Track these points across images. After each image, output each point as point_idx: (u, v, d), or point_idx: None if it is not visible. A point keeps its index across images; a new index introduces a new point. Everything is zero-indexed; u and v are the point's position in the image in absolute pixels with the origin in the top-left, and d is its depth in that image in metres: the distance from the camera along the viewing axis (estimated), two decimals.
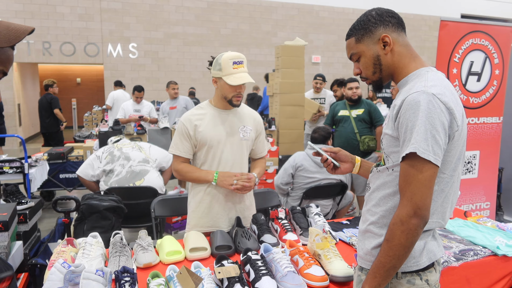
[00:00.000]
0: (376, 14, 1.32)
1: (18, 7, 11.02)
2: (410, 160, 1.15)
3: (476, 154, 3.71)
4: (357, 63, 1.38)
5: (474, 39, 3.51)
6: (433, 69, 1.29)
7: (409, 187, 1.15)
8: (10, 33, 0.94)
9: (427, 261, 1.25)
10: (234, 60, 2.09)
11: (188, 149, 2.24)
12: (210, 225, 2.27)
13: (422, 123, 1.13)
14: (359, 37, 1.33)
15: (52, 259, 1.77)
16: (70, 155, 5.50)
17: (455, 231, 2.26)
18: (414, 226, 1.13)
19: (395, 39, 1.30)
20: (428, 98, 1.14)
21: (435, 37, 14.80)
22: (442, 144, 1.15)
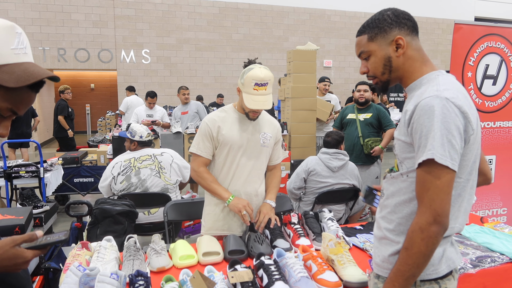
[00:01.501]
0: (392, 15, 1.29)
1: (34, 14, 11.25)
2: (427, 166, 1.12)
3: (492, 159, 3.65)
4: (365, 61, 1.35)
5: (489, 42, 3.46)
6: (443, 72, 1.27)
7: (427, 194, 1.12)
8: (23, 75, 0.94)
9: (446, 268, 1.22)
10: (257, 82, 2.08)
11: (209, 149, 2.26)
12: (225, 229, 2.29)
13: (437, 128, 1.11)
14: (372, 35, 1.30)
15: (68, 262, 1.79)
16: (84, 160, 5.57)
17: (471, 237, 2.22)
18: (434, 234, 1.10)
19: (408, 42, 1.27)
20: (442, 102, 1.12)
21: (448, 41, 14.66)
22: (459, 149, 1.12)
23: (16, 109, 0.99)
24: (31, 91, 0.99)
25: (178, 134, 6.01)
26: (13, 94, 0.96)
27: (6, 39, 0.94)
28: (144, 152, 3.40)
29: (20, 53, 0.96)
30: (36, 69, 0.97)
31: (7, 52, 0.93)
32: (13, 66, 0.94)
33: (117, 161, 3.36)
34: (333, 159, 3.40)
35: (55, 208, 3.87)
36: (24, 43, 0.98)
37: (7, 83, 0.92)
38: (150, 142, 3.52)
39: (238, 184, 2.27)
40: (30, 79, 0.94)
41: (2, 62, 0.93)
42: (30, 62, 0.99)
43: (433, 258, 1.20)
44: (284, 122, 5.72)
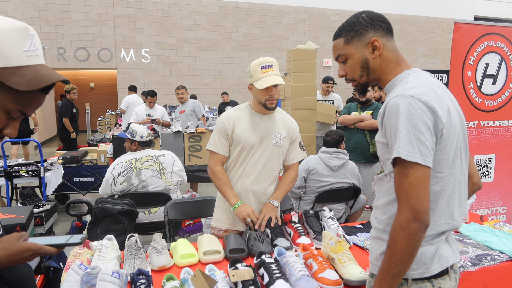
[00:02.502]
0: (367, 17, 1.31)
1: (34, 13, 11.23)
2: (399, 165, 1.14)
3: (492, 158, 3.65)
4: (343, 64, 1.37)
5: (489, 41, 3.47)
6: (416, 70, 1.29)
7: (403, 192, 1.13)
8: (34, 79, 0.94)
9: (439, 267, 1.22)
10: (262, 65, 2.15)
11: (226, 147, 2.29)
12: (230, 222, 2.32)
13: (403, 126, 1.12)
14: (348, 38, 1.32)
15: (69, 261, 1.79)
16: (84, 159, 5.57)
17: (471, 235, 2.23)
18: (414, 231, 1.11)
19: (384, 43, 1.30)
20: (407, 100, 1.14)
21: (448, 40, 14.66)
22: (430, 144, 1.13)
23: (25, 111, 1.00)
24: (41, 93, 0.99)
25: (178, 133, 6.01)
26: (24, 96, 0.96)
27: (18, 41, 0.93)
28: (146, 153, 3.41)
29: (32, 55, 0.96)
30: (47, 72, 0.97)
31: (19, 54, 0.93)
32: (24, 69, 0.94)
33: (118, 162, 3.35)
34: (333, 158, 3.40)
35: (55, 207, 3.87)
36: (36, 45, 0.98)
37: (18, 86, 0.92)
38: (151, 142, 3.52)
39: (247, 182, 2.28)
40: (41, 83, 0.94)
41: (13, 64, 0.93)
42: (41, 64, 0.99)
43: (425, 257, 1.20)
44: None
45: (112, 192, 3.29)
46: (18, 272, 1.13)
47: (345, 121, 4.54)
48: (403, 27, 14.60)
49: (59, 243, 1.04)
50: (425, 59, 15.01)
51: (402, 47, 14.70)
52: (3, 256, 0.98)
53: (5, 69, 0.91)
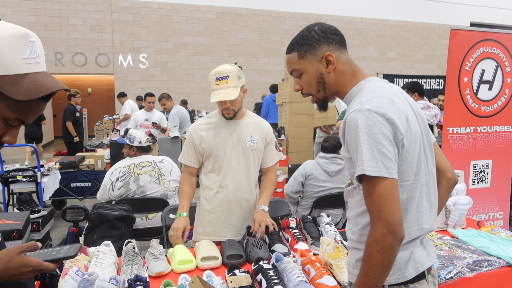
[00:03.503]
0: (319, 31, 1.29)
1: (32, 19, 11.24)
2: (366, 181, 1.13)
3: (489, 163, 3.67)
4: (298, 79, 1.35)
5: (485, 48, 3.50)
6: (371, 79, 1.28)
7: (373, 206, 1.12)
8: (32, 88, 0.91)
9: (414, 272, 1.21)
10: (217, 76, 2.11)
11: (193, 158, 2.28)
12: (216, 234, 2.28)
13: (365, 141, 1.11)
14: (302, 53, 1.30)
15: (66, 267, 1.78)
16: (81, 164, 5.55)
17: (468, 241, 2.23)
18: (390, 245, 1.09)
19: (338, 57, 1.29)
20: (365, 114, 1.13)
21: (444, 46, 14.75)
22: (393, 156, 1.13)
23: (24, 119, 0.98)
24: (40, 101, 0.97)
25: (176, 138, 6.01)
26: (22, 105, 0.94)
27: (18, 49, 0.91)
28: (144, 158, 3.40)
29: (32, 63, 0.93)
30: (46, 80, 0.95)
31: (18, 62, 0.91)
32: (23, 77, 0.92)
33: (116, 167, 3.34)
34: (331, 163, 3.41)
35: (52, 213, 3.86)
36: (37, 52, 0.95)
37: (15, 95, 0.90)
38: (149, 148, 3.52)
39: (228, 190, 2.25)
40: (39, 92, 0.92)
41: (12, 72, 0.90)
42: (41, 72, 0.96)
43: (399, 262, 1.20)
44: (282, 126, 5.73)
45: (110, 197, 3.28)
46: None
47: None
48: (400, 33, 14.70)
49: (57, 257, 1.03)
50: (421, 64, 15.09)
51: (399, 53, 14.79)
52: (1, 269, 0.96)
53: (4, 78, 0.89)
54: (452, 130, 3.51)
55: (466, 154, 3.59)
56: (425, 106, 4.81)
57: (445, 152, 3.48)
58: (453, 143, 3.52)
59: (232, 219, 2.27)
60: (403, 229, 1.11)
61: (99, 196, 3.34)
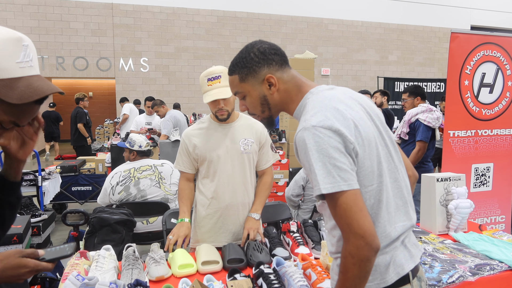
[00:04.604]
0: (259, 53, 1.27)
1: (33, 23, 11.29)
2: (328, 197, 1.10)
3: (490, 167, 3.66)
4: (243, 100, 1.33)
5: (486, 51, 3.50)
6: (314, 91, 1.26)
7: (342, 221, 1.08)
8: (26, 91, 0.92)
9: (395, 276, 1.18)
10: (209, 76, 2.10)
11: (188, 164, 2.26)
12: (213, 240, 2.25)
13: (316, 159, 1.09)
14: (243, 76, 1.28)
15: (66, 271, 1.78)
16: (82, 168, 5.56)
17: (470, 245, 2.22)
18: (365, 257, 1.06)
19: (279, 78, 1.27)
20: (311, 132, 1.10)
21: (445, 49, 14.76)
22: (348, 166, 1.10)
23: (19, 122, 0.98)
24: (34, 104, 0.98)
25: (177, 142, 6.00)
26: (16, 108, 0.94)
27: (11, 53, 0.92)
28: (145, 162, 3.40)
29: (26, 67, 0.94)
30: (40, 84, 0.96)
31: (11, 66, 0.91)
32: (16, 81, 0.92)
33: (116, 171, 3.34)
34: None
35: (53, 217, 3.86)
36: (30, 56, 0.96)
37: (9, 99, 0.90)
38: (150, 152, 3.52)
39: (224, 196, 2.22)
40: (33, 95, 0.93)
41: (6, 76, 0.91)
42: (35, 75, 0.97)
43: (380, 266, 1.17)
44: (283, 130, 5.73)
45: (110, 201, 3.28)
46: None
47: None
48: (400, 37, 14.72)
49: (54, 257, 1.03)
50: (422, 68, 15.11)
51: (400, 56, 14.81)
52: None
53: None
54: (453, 133, 3.51)
55: (467, 157, 3.58)
56: (427, 109, 4.80)
57: (446, 155, 3.48)
58: (454, 147, 3.52)
59: (229, 224, 2.25)
60: (377, 239, 1.08)
61: (100, 200, 3.34)
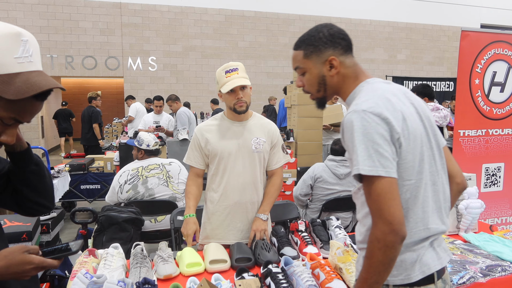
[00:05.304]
0: (328, 34, 1.31)
1: (42, 22, 11.39)
2: (364, 181, 1.15)
3: (501, 166, 3.61)
4: (301, 76, 1.38)
5: (497, 49, 3.45)
6: (371, 81, 1.30)
7: (373, 205, 1.13)
8: (22, 87, 0.91)
9: (420, 274, 1.20)
10: (226, 69, 2.13)
11: (199, 159, 2.27)
12: (221, 237, 2.26)
13: (360, 141, 1.13)
14: (307, 53, 1.32)
15: (75, 269, 1.79)
16: (91, 167, 5.59)
17: (481, 245, 2.19)
18: (390, 243, 1.10)
19: (342, 62, 1.30)
20: (360, 115, 1.14)
21: (454, 48, 14.62)
22: (390, 155, 1.13)
23: (20, 118, 0.97)
24: (35, 100, 0.97)
25: (185, 141, 6.02)
26: (16, 104, 0.93)
27: (9, 47, 0.90)
28: (152, 161, 3.40)
29: (25, 62, 0.93)
30: (38, 79, 0.94)
31: (9, 61, 0.90)
32: (15, 77, 0.91)
33: (124, 170, 3.35)
34: (340, 166, 3.38)
35: (62, 215, 3.88)
36: (30, 51, 0.94)
37: (6, 95, 0.90)
38: (157, 151, 3.51)
39: (233, 193, 2.22)
40: (29, 91, 0.91)
41: (3, 72, 0.90)
42: (35, 71, 0.95)
43: (406, 263, 1.20)
44: (291, 129, 5.71)
45: (118, 200, 3.29)
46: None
47: None
48: (409, 35, 14.60)
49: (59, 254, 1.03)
50: (431, 67, 14.97)
51: (408, 55, 14.69)
52: (3, 265, 0.96)
53: None
54: (463, 132, 3.47)
55: (478, 157, 3.54)
56: (434, 107, 4.78)
57: (456, 155, 3.44)
58: (464, 146, 3.48)
59: (238, 222, 2.25)
60: (405, 228, 1.11)
61: (108, 199, 3.35)
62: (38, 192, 1.19)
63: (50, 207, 1.25)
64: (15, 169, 1.15)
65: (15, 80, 0.91)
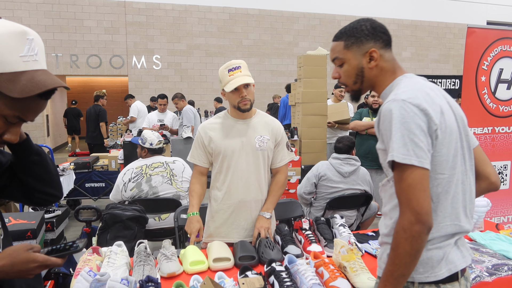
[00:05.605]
0: (370, 27, 1.33)
1: (47, 21, 11.42)
2: (396, 168, 1.16)
3: (507, 165, 3.58)
4: (338, 67, 1.39)
5: (503, 46, 3.41)
6: (408, 75, 1.32)
7: (403, 195, 1.14)
8: (28, 85, 0.91)
9: (446, 272, 1.21)
10: (229, 67, 2.12)
11: (202, 157, 2.26)
12: (225, 235, 2.25)
13: (397, 129, 1.14)
14: (348, 44, 1.34)
15: (78, 267, 1.79)
16: (96, 165, 5.60)
17: (487, 244, 2.17)
18: (417, 233, 1.11)
19: (381, 55, 1.32)
20: (399, 104, 1.16)
21: (460, 45, 14.51)
22: (425, 146, 1.14)
23: (24, 117, 0.97)
24: (39, 99, 0.97)
25: (189, 139, 6.02)
26: (20, 102, 0.93)
27: (15, 46, 0.90)
28: (156, 159, 3.41)
29: (30, 61, 0.93)
30: (43, 78, 0.94)
31: (15, 59, 0.90)
32: (19, 75, 0.91)
33: (128, 168, 3.36)
34: (344, 164, 3.37)
35: (66, 212, 3.89)
36: (35, 50, 0.94)
37: (11, 93, 0.90)
38: (161, 150, 3.51)
39: (237, 191, 2.21)
40: (34, 89, 0.91)
41: (8, 70, 0.90)
42: (40, 69, 0.95)
43: (432, 260, 1.20)
44: (295, 127, 5.69)
45: (123, 198, 3.30)
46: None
47: (357, 127, 4.51)
48: (414, 33, 14.51)
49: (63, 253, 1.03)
50: (437, 64, 14.87)
51: (414, 53, 14.60)
52: (7, 264, 0.95)
53: (0, 75, 0.89)
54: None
55: None
56: None
57: None
58: None
59: (242, 220, 2.24)
60: (431, 219, 1.12)
61: (112, 197, 3.36)
62: (44, 182, 1.19)
63: (58, 195, 1.26)
64: (17, 160, 1.15)
65: (20, 79, 0.91)
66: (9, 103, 0.93)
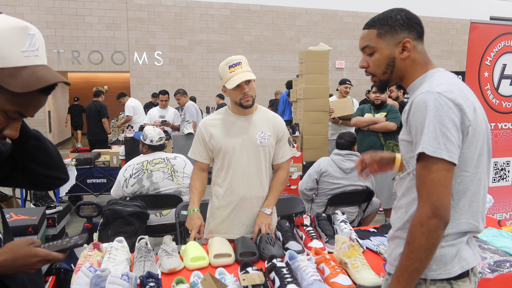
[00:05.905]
0: (405, 17, 1.30)
1: (49, 17, 11.41)
2: (423, 160, 1.14)
3: (510, 161, 3.56)
4: (368, 56, 1.35)
5: (507, 41, 3.39)
6: (440, 69, 1.30)
7: (424, 188, 1.13)
8: (29, 80, 0.91)
9: (459, 269, 1.20)
10: (229, 64, 2.10)
11: (203, 153, 2.25)
12: (226, 231, 2.24)
13: (430, 122, 1.12)
14: (381, 32, 1.31)
15: (79, 263, 1.79)
16: (97, 161, 5.61)
17: (489, 241, 2.16)
18: (433, 227, 1.10)
19: (414, 46, 1.30)
20: (434, 97, 1.14)
21: (463, 41, 14.44)
22: (456, 141, 1.13)
23: (24, 112, 0.97)
24: (40, 94, 0.97)
25: (190, 135, 6.02)
26: (21, 97, 0.93)
27: (16, 41, 0.90)
28: (157, 155, 3.41)
29: (31, 56, 0.93)
30: (45, 73, 0.94)
31: (16, 54, 0.90)
32: (21, 70, 0.91)
33: (129, 164, 3.36)
34: (346, 160, 3.36)
35: (68, 208, 3.90)
36: (36, 45, 0.95)
37: (12, 87, 0.90)
38: (162, 147, 3.50)
39: (238, 188, 2.20)
40: (36, 84, 0.92)
41: (10, 65, 0.90)
42: (41, 65, 0.95)
43: (445, 258, 1.19)
44: (296, 123, 5.68)
45: (124, 194, 3.30)
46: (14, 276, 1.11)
47: (359, 123, 4.49)
48: None
49: (64, 247, 1.03)
50: (439, 60, 14.80)
51: None
52: (9, 258, 0.96)
53: (2, 70, 0.89)
54: None
55: None
56: None
57: None
58: None
59: (243, 217, 2.23)
60: (449, 214, 1.12)
61: (113, 193, 3.36)
62: (47, 166, 1.19)
63: (64, 178, 1.26)
64: (16, 147, 1.15)
65: (21, 74, 0.91)
66: (10, 98, 0.93)
